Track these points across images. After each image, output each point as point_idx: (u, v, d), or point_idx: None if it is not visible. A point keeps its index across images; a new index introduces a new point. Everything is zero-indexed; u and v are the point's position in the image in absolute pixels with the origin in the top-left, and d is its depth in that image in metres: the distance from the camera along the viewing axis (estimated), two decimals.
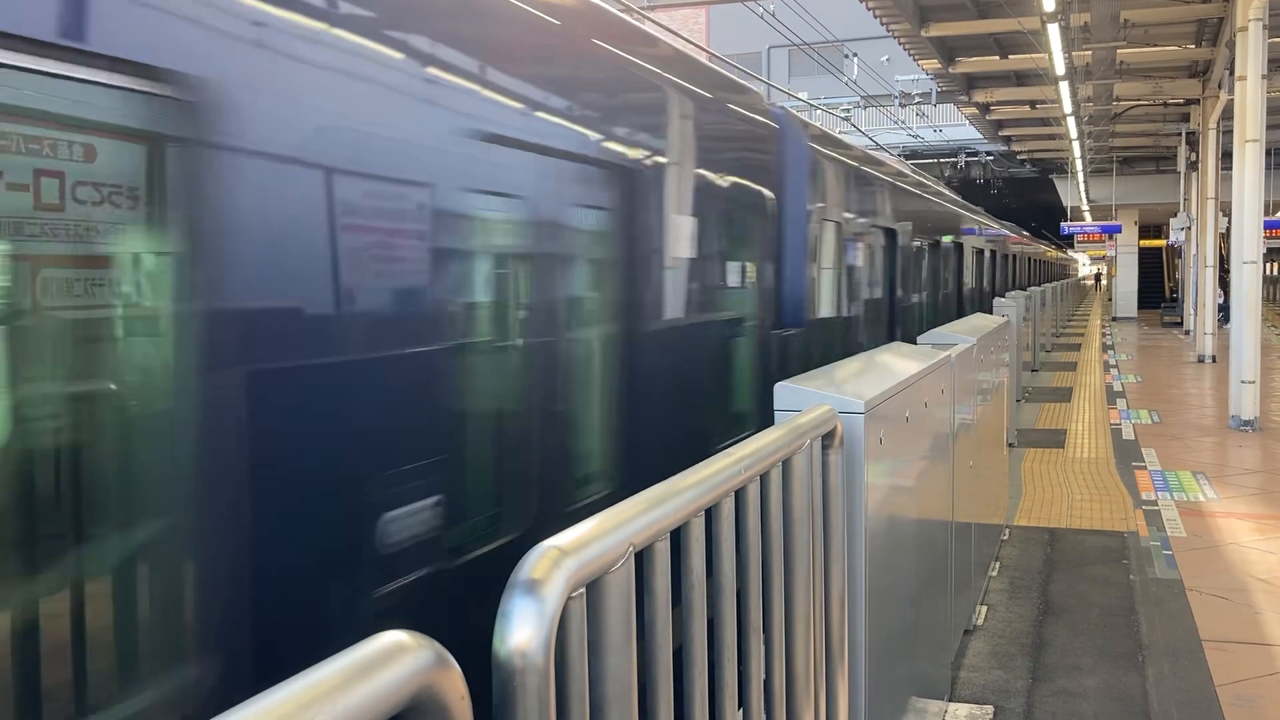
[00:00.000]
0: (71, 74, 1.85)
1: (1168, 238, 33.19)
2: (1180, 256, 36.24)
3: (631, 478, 3.90)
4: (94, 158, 1.96)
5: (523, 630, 1.45)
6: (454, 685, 1.22)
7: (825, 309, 6.60)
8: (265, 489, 2.21)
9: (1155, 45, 19.18)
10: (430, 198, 2.72)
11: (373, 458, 2.53)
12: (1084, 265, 77.34)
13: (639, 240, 3.94)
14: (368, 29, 2.48)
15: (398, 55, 2.57)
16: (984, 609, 6.19)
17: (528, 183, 3.24)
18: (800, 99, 24.12)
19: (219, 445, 2.10)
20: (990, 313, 11.22)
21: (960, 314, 14.24)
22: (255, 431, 2.18)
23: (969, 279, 15.66)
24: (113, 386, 2.02)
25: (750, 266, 5.23)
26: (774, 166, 5.60)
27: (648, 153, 4.01)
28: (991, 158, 37.13)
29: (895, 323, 9.32)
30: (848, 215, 7.15)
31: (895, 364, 3.94)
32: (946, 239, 12.73)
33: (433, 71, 2.72)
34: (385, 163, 2.53)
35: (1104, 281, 72.43)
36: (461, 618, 2.87)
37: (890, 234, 8.97)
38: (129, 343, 2.05)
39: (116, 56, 1.87)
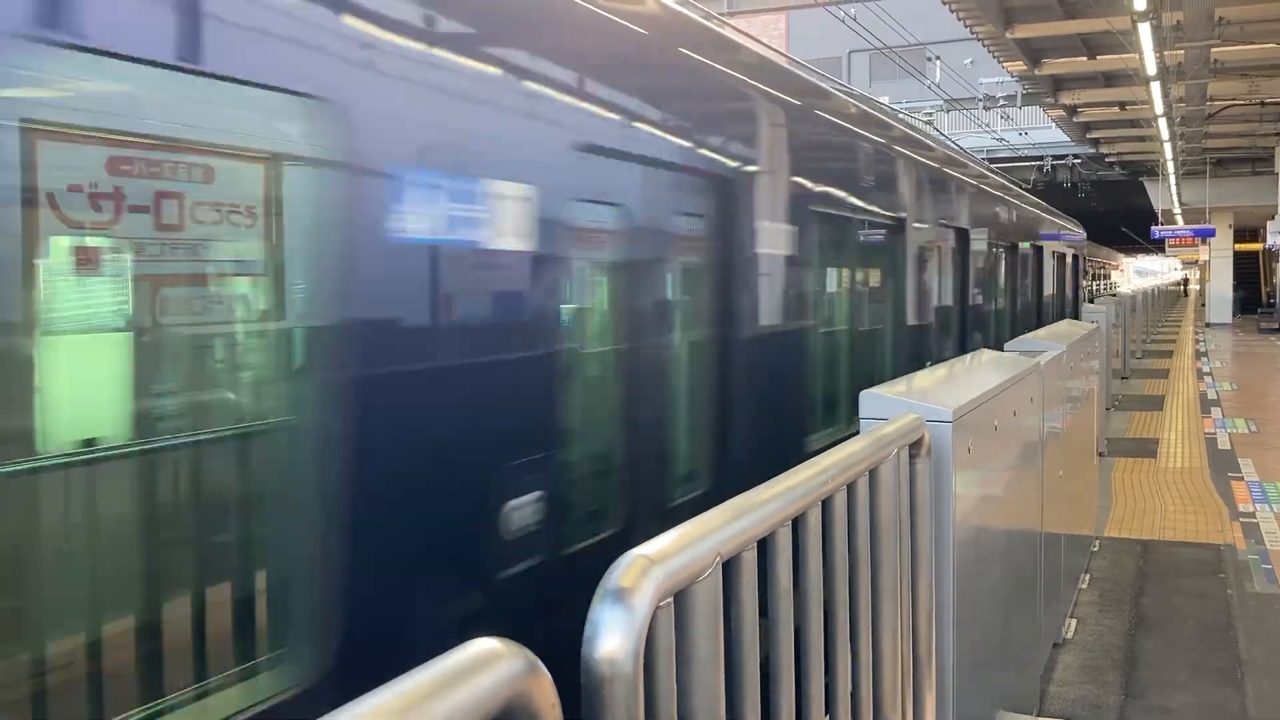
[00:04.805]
0: None
1: (1265, 241, 32.16)
2: (1279, 260, 35.12)
3: None
4: None
5: (612, 639, 1.45)
6: (545, 694, 1.22)
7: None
8: None
9: (1251, 43, 18.60)
10: None
11: None
12: (1175, 270, 73.53)
13: None
14: None
15: None
16: (1074, 622, 6.05)
17: None
18: (882, 103, 23.86)
19: None
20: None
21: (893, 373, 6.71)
22: None
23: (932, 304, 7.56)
24: None
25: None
26: None
27: None
28: (1079, 161, 36.32)
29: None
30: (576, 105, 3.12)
31: (982, 372, 3.88)
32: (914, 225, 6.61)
33: None
34: None
35: (1195, 288, 67.30)
36: None
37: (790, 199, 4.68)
38: None
39: None
